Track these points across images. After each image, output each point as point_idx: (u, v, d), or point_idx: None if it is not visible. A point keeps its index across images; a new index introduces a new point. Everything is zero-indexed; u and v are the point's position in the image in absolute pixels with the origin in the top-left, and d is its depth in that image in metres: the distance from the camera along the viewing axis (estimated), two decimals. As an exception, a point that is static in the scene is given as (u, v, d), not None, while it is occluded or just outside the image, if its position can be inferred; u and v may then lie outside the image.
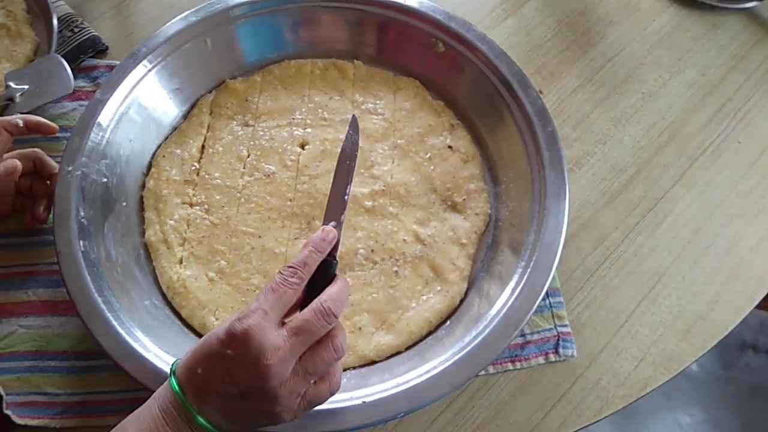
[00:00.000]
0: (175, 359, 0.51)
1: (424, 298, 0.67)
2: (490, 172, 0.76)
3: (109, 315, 0.60)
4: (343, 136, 0.76)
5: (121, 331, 0.59)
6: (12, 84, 0.77)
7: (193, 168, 0.74)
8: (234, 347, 0.45)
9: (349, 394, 0.58)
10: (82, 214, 0.65)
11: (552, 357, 0.66)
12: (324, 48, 0.84)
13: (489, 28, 0.89)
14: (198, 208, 0.72)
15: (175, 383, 0.47)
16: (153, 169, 0.74)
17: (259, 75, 0.82)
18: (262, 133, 0.77)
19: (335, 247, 0.53)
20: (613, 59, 0.87)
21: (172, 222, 0.71)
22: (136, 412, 0.49)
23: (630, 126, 0.81)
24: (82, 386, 0.64)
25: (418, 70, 0.82)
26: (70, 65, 0.79)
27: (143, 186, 0.73)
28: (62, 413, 0.63)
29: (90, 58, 0.85)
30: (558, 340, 0.67)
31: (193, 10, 0.78)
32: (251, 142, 0.76)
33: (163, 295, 0.68)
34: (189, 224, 0.71)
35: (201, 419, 0.46)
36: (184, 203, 0.72)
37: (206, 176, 0.74)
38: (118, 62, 0.83)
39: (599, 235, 0.74)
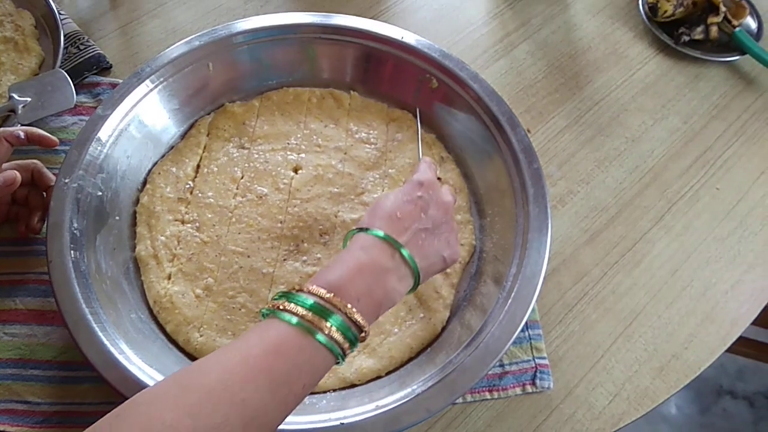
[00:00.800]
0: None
1: (407, 324, 0.69)
2: (477, 205, 0.78)
3: (95, 326, 0.60)
4: (335, 162, 0.79)
5: (106, 342, 0.60)
6: (15, 96, 0.78)
7: (188, 186, 0.76)
8: (424, 190, 0.61)
9: (327, 416, 0.59)
10: (75, 225, 0.67)
11: (529, 388, 0.67)
12: (321, 78, 0.86)
13: (482, 68, 0.93)
14: (189, 225, 0.74)
15: (378, 233, 0.57)
16: (148, 186, 0.76)
17: (258, 100, 0.84)
18: (257, 155, 0.79)
19: None
20: (599, 103, 0.90)
21: (163, 238, 0.72)
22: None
23: (613, 168, 0.84)
24: (63, 396, 0.64)
25: (412, 103, 0.84)
26: (73, 81, 0.80)
27: (137, 201, 0.75)
28: (41, 422, 0.63)
29: (93, 75, 0.87)
30: (536, 371, 0.68)
31: (197, 35, 0.81)
32: (246, 164, 0.78)
33: (150, 310, 0.69)
34: (179, 241, 0.72)
35: (406, 252, 0.57)
36: (176, 220, 0.74)
37: (200, 195, 0.76)
38: (120, 80, 0.86)
39: (579, 272, 0.76)
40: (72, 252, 0.64)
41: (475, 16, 1.00)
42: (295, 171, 0.79)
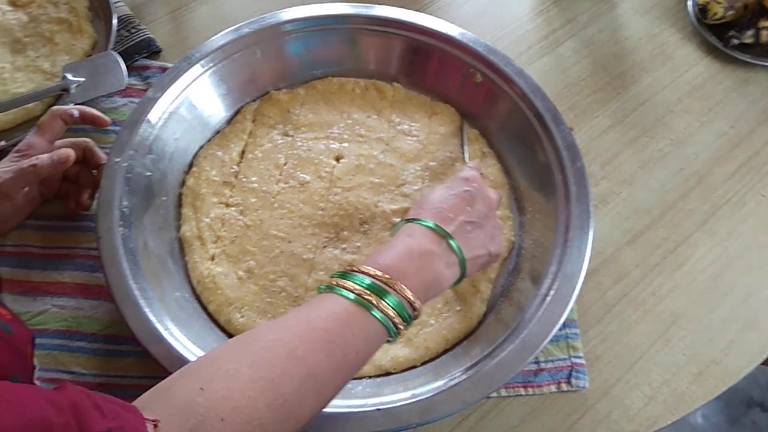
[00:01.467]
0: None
1: (444, 316, 0.69)
2: (517, 202, 0.78)
3: (141, 301, 0.62)
4: (377, 153, 0.79)
5: (151, 317, 0.61)
6: (69, 76, 0.81)
7: (233, 171, 0.77)
8: (470, 184, 0.64)
9: (364, 401, 0.60)
10: (125, 203, 0.68)
11: (564, 386, 0.67)
12: (366, 69, 0.87)
13: (525, 64, 0.92)
14: (233, 208, 0.75)
15: (427, 223, 0.58)
16: (194, 168, 0.77)
17: (303, 88, 0.85)
18: (300, 143, 0.80)
19: None
20: (644, 103, 0.89)
21: (207, 220, 0.73)
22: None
23: (657, 170, 0.83)
24: (107, 369, 0.66)
25: (455, 97, 0.84)
26: (124, 63, 0.82)
27: (183, 183, 0.76)
28: (85, 394, 0.65)
29: (143, 59, 0.89)
30: (571, 370, 0.68)
31: (246, 22, 0.82)
32: (289, 151, 0.79)
33: (193, 289, 0.70)
34: (223, 223, 0.74)
35: (453, 242, 0.58)
36: (221, 203, 0.75)
37: (244, 179, 0.77)
38: (169, 64, 0.88)
39: (619, 272, 0.75)
40: (121, 229, 0.66)
41: (520, 12, 0.99)
42: (337, 160, 0.80)
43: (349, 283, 0.51)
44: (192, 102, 0.78)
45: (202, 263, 0.71)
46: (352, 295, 0.50)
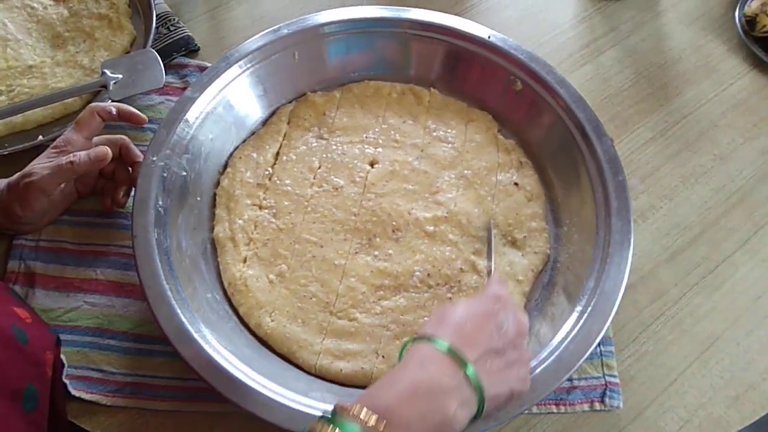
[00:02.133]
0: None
1: None
2: (553, 213, 0.77)
3: (174, 302, 0.62)
4: (412, 159, 0.78)
5: (183, 319, 0.61)
6: (108, 72, 0.81)
7: (267, 173, 0.77)
8: (501, 305, 0.53)
9: None
10: (160, 203, 0.68)
11: (597, 405, 0.66)
12: (404, 73, 0.86)
13: (566, 72, 0.90)
14: (266, 211, 0.74)
15: (443, 344, 0.49)
16: (229, 169, 0.77)
17: (339, 91, 0.84)
18: (335, 147, 0.79)
19: None
20: (687, 116, 0.87)
21: (240, 221, 0.73)
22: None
23: (699, 185, 0.81)
24: (137, 368, 0.66)
25: (493, 105, 0.83)
26: (162, 61, 0.82)
27: (218, 184, 0.76)
28: (115, 392, 0.65)
29: (181, 57, 0.89)
30: (605, 389, 0.66)
31: (285, 23, 0.82)
32: (324, 155, 0.79)
33: (224, 291, 0.70)
34: (256, 226, 0.73)
35: (472, 373, 0.48)
36: (254, 205, 0.75)
37: (278, 182, 0.76)
38: (207, 63, 0.88)
39: (657, 290, 0.73)
40: (156, 229, 0.66)
41: (562, 18, 0.97)
42: (372, 165, 0.79)
43: (329, 428, 0.44)
44: (230, 102, 0.78)
45: (234, 265, 0.71)
46: None
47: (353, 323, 0.68)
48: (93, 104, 0.73)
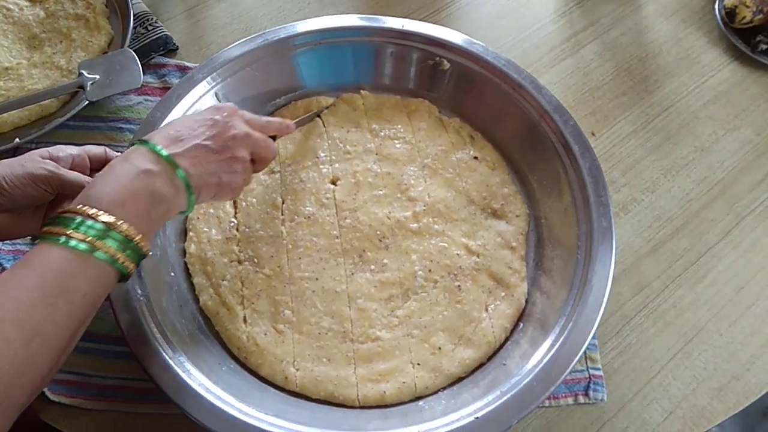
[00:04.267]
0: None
1: (492, 306, 0.69)
2: (517, 175, 0.79)
3: (201, 391, 0.58)
4: (371, 165, 0.77)
5: (223, 406, 0.57)
6: (85, 72, 0.80)
7: (232, 224, 0.73)
8: (220, 113, 0.60)
9: (458, 414, 0.58)
10: (140, 292, 0.63)
11: (581, 399, 0.66)
12: (328, 83, 0.84)
13: (547, 67, 0.90)
14: (247, 263, 0.70)
15: (145, 142, 0.55)
16: (190, 233, 0.72)
17: None
18: (290, 177, 0.76)
19: None
20: (668, 109, 0.87)
21: (225, 283, 0.69)
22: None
23: (680, 177, 0.81)
24: (117, 371, 0.65)
25: (428, 90, 0.84)
26: (140, 61, 0.81)
27: (184, 252, 0.72)
28: (95, 395, 0.64)
29: (160, 56, 0.88)
30: (589, 382, 0.66)
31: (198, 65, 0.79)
32: (282, 188, 0.75)
33: (234, 358, 0.66)
34: (243, 282, 0.69)
35: (166, 155, 0.54)
36: (232, 261, 0.71)
37: (247, 230, 0.73)
38: (186, 62, 0.87)
39: (639, 283, 0.74)
40: (153, 327, 0.61)
41: (543, 13, 0.97)
42: (334, 183, 0.77)
43: (61, 229, 0.47)
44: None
45: (237, 329, 0.66)
46: (71, 242, 0.47)
47: (377, 342, 0.66)
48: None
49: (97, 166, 0.64)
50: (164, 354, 0.60)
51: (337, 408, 0.63)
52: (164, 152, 0.54)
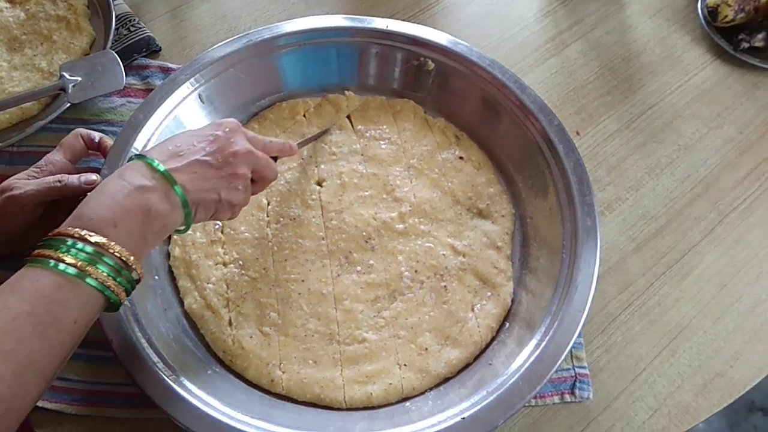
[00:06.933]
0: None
1: (478, 306, 0.69)
2: (503, 175, 0.79)
3: (186, 396, 0.58)
4: (356, 166, 0.77)
5: (210, 412, 0.57)
6: (66, 75, 0.79)
7: (216, 227, 0.73)
8: (222, 129, 0.58)
9: (445, 415, 0.59)
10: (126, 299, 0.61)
11: (567, 397, 0.66)
12: (311, 85, 0.84)
13: (532, 66, 0.91)
14: (232, 266, 0.70)
15: (143, 156, 0.54)
16: (175, 236, 0.71)
17: (256, 122, 0.81)
18: None
19: None
20: (652, 107, 0.88)
21: (210, 285, 0.68)
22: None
23: (664, 176, 0.82)
24: (102, 376, 0.65)
25: (413, 90, 0.84)
26: (123, 62, 0.80)
27: (168, 255, 0.71)
28: (79, 400, 0.64)
29: (142, 58, 0.87)
30: (575, 381, 0.67)
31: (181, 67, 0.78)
32: (268, 190, 0.74)
33: (220, 361, 0.66)
34: (228, 284, 0.69)
35: (163, 170, 0.53)
36: (217, 264, 0.70)
37: (232, 233, 0.72)
38: (169, 64, 0.86)
39: (624, 281, 0.74)
40: (135, 331, 0.61)
41: (527, 13, 0.97)
42: (319, 184, 0.76)
43: (52, 252, 0.46)
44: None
45: (222, 332, 0.66)
46: (60, 266, 0.45)
47: (363, 344, 0.66)
48: (78, 129, 0.71)
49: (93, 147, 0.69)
50: (149, 358, 0.59)
51: (324, 410, 0.63)
52: (161, 167, 0.53)
